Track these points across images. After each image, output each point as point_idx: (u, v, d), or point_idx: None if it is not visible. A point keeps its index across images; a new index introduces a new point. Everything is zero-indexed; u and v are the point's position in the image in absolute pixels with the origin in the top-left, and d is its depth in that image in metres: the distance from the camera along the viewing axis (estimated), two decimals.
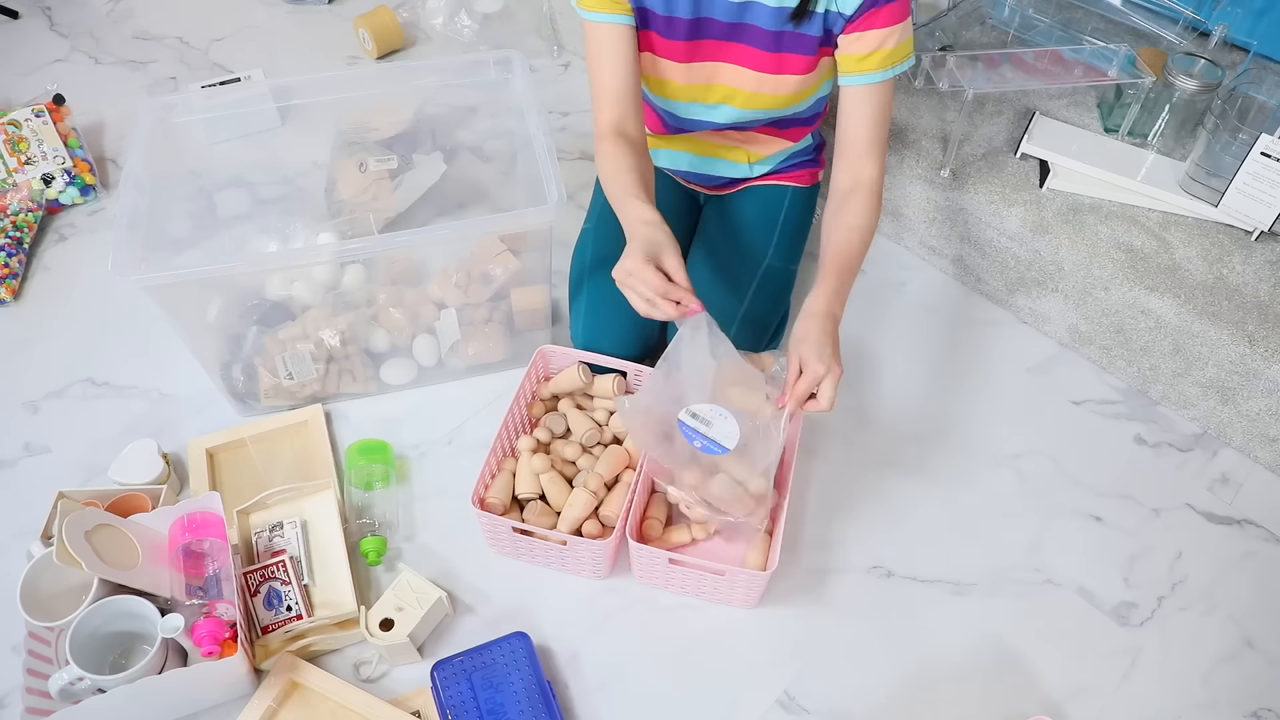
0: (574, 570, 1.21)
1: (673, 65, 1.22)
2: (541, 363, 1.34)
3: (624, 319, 1.29)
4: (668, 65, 1.22)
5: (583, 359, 1.31)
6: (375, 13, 1.99)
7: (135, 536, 1.08)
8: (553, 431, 1.29)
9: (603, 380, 1.31)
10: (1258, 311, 1.33)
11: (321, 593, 1.14)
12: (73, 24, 2.12)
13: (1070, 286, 1.44)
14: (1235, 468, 1.37)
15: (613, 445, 1.28)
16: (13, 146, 1.68)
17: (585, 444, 1.28)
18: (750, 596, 1.17)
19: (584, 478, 1.22)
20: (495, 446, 1.23)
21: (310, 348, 1.32)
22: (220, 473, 1.32)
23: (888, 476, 1.34)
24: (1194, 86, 1.43)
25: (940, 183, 1.52)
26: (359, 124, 1.62)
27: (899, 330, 1.53)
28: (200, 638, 1.03)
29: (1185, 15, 1.55)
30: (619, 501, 1.20)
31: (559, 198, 1.17)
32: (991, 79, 1.50)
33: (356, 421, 1.39)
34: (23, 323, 1.52)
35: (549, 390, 1.34)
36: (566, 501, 1.20)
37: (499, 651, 1.10)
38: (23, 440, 1.36)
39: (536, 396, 1.35)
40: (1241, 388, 1.33)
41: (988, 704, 1.13)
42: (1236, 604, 1.22)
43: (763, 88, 1.22)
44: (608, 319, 1.33)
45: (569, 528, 1.18)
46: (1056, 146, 1.50)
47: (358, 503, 1.25)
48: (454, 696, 1.07)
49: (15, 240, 1.58)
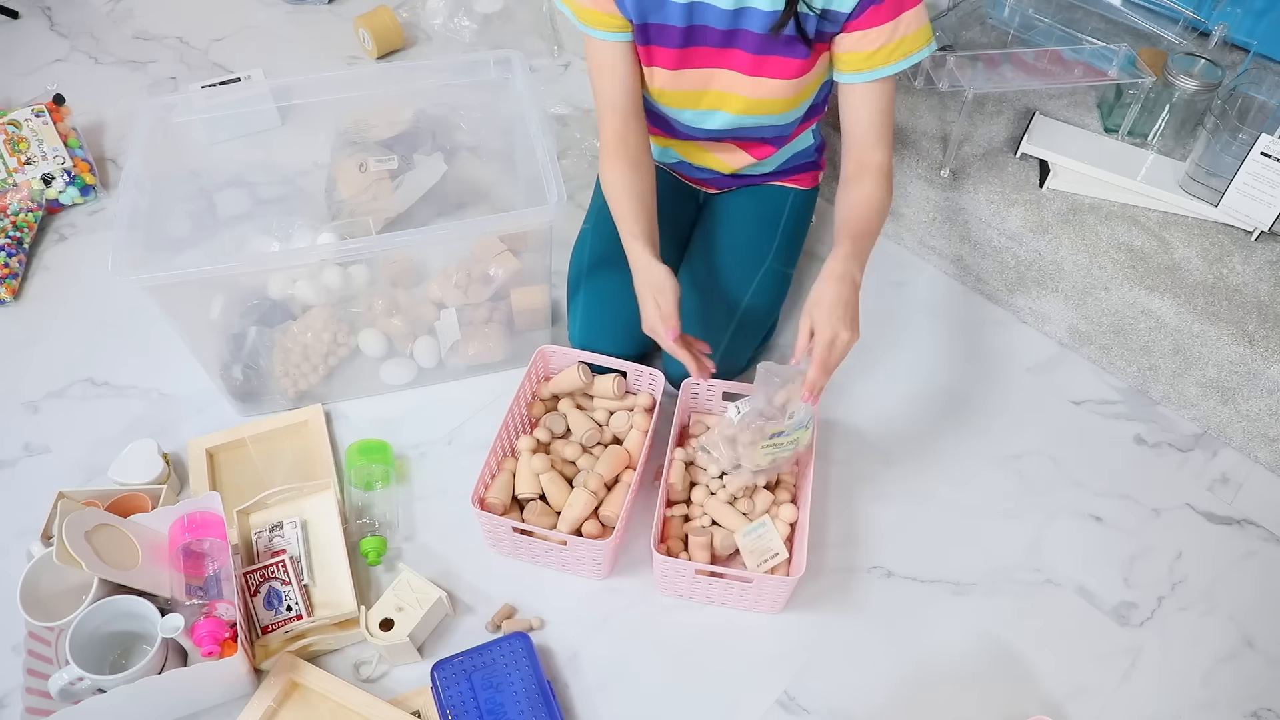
0: (574, 570, 1.21)
1: (663, 72, 1.21)
2: (541, 363, 1.34)
3: (621, 319, 1.30)
4: (659, 72, 1.21)
5: (582, 359, 1.31)
6: (375, 13, 1.99)
7: (135, 536, 1.08)
8: (553, 431, 1.29)
9: (603, 380, 1.31)
10: (1258, 311, 1.33)
11: (321, 593, 1.14)
12: (73, 24, 2.12)
13: (1070, 286, 1.44)
14: (1235, 468, 1.37)
15: (612, 445, 1.28)
16: (13, 146, 1.68)
17: (585, 444, 1.28)
18: (777, 601, 1.17)
19: (584, 478, 1.22)
20: (495, 446, 1.23)
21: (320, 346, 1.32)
22: (220, 473, 1.32)
23: (887, 477, 1.34)
24: (1194, 86, 1.43)
25: (940, 183, 1.52)
26: (359, 124, 1.62)
27: (899, 330, 1.53)
28: (200, 638, 1.03)
29: (1185, 15, 1.55)
30: (619, 501, 1.20)
31: (559, 198, 1.17)
32: (991, 79, 1.50)
33: (356, 421, 1.39)
34: (23, 323, 1.52)
35: (549, 390, 1.34)
36: (566, 501, 1.20)
37: (499, 651, 1.10)
38: (23, 440, 1.36)
39: (536, 396, 1.35)
40: (1241, 388, 1.33)
41: (988, 703, 1.13)
42: (1236, 604, 1.22)
43: (758, 92, 1.21)
44: (605, 319, 1.33)
45: (569, 528, 1.18)
46: (1056, 146, 1.50)
47: (358, 503, 1.25)
48: (454, 696, 1.07)
49: (15, 240, 1.58)
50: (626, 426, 1.29)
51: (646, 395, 1.32)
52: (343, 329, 1.36)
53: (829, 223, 1.60)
